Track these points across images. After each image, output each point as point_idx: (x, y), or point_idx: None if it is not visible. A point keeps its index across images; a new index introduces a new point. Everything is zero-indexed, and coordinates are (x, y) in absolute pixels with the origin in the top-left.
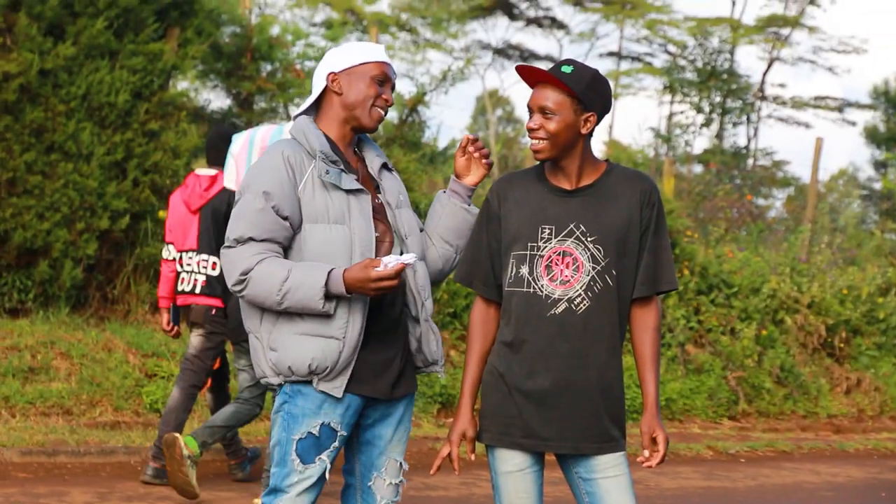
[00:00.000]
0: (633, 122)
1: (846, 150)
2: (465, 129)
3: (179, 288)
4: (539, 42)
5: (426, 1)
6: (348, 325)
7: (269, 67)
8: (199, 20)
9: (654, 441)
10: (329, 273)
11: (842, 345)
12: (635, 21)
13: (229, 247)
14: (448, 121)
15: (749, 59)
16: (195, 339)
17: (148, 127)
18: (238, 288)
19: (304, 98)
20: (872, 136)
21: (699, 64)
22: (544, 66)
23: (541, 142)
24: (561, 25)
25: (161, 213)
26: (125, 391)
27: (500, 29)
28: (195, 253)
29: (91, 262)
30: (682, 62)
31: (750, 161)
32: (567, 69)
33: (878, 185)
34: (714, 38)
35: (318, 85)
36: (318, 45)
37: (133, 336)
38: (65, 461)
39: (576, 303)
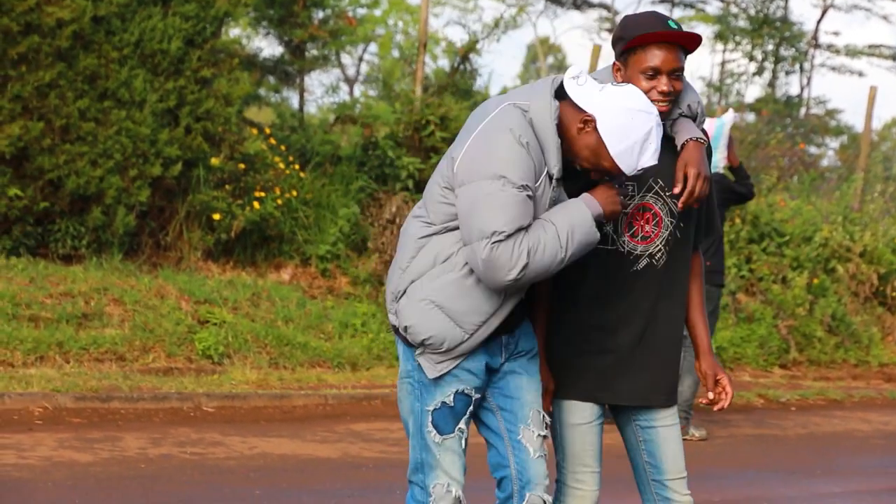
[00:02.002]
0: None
1: None
2: (515, 78)
3: None
4: None
5: None
6: (483, 326)
7: (321, 14)
8: None
9: (717, 382)
10: (583, 204)
11: (894, 293)
12: None
13: (498, 241)
14: (499, 69)
15: (803, 7)
16: None
17: (200, 74)
18: (519, 276)
19: (355, 46)
20: None
21: (752, 11)
22: (598, 14)
23: (668, 104)
24: None
25: (214, 161)
26: (178, 338)
27: None
28: None
29: (144, 208)
30: (735, 10)
31: (802, 110)
32: (675, 25)
33: None
34: None
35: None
36: None
37: (185, 283)
38: (118, 407)
39: (656, 258)
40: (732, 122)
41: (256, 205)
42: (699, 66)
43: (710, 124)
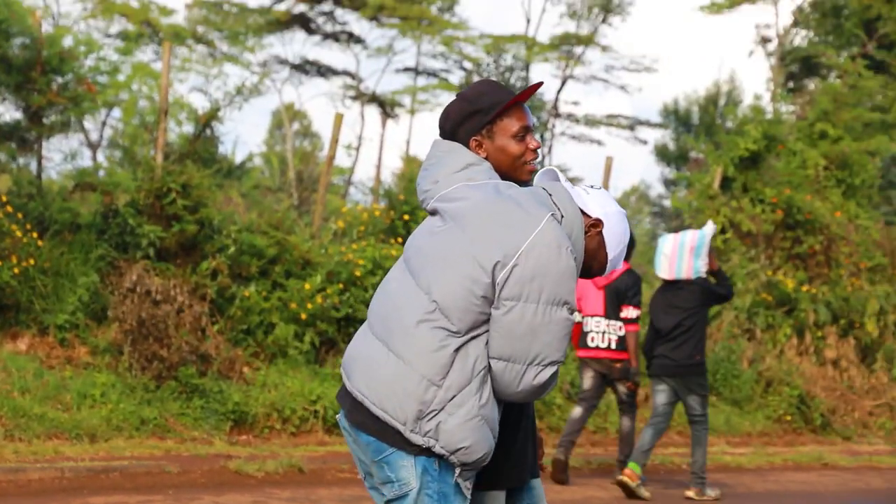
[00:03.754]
0: (429, 138)
1: (638, 167)
2: (261, 144)
3: (592, 344)
4: (336, 57)
5: (223, 14)
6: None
7: (60, 80)
8: None
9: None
10: None
11: None
12: (432, 37)
13: (554, 371)
14: (244, 135)
15: (543, 77)
16: (620, 387)
17: None
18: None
19: (96, 112)
20: (663, 154)
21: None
22: (342, 81)
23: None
24: (358, 40)
25: None
26: None
27: (297, 43)
28: (603, 318)
29: None
30: (477, 78)
31: None
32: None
33: (667, 203)
34: (508, 54)
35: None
36: (111, 58)
37: None
38: None
39: None
40: (713, 233)
41: None
42: None
43: (692, 235)
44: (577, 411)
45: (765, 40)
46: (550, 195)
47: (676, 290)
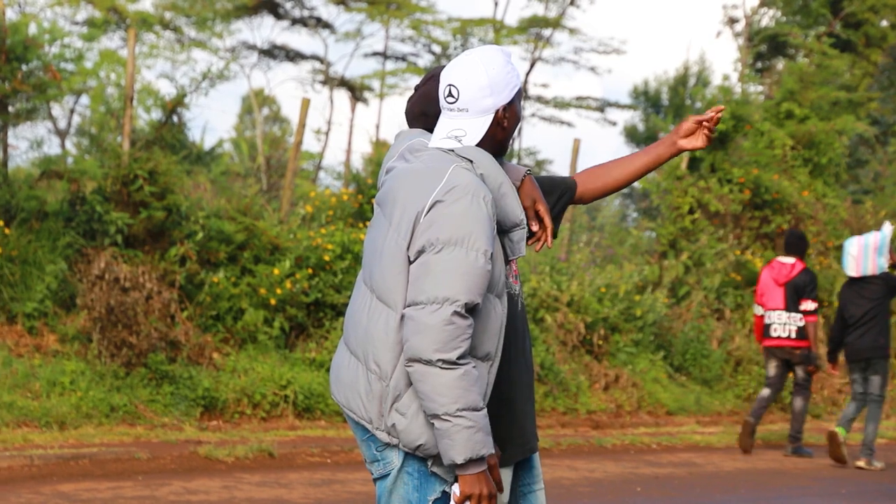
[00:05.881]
0: (398, 122)
1: (608, 148)
2: (231, 130)
3: (775, 334)
4: (304, 41)
5: (190, 0)
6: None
7: (25, 68)
8: None
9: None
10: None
11: (600, 342)
12: (400, 21)
13: (457, 312)
14: (215, 121)
15: (512, 60)
16: (800, 370)
17: None
18: (450, 359)
19: (61, 99)
20: (632, 135)
21: None
22: (311, 66)
23: None
24: (326, 25)
25: None
26: None
27: (265, 28)
28: (784, 311)
29: None
30: (445, 62)
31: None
32: None
33: (637, 184)
34: (475, 38)
35: (480, 111)
36: (75, 45)
37: None
38: None
39: (522, 295)
40: (891, 233)
41: None
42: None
43: (875, 237)
44: (765, 391)
45: (732, 21)
46: (453, 149)
47: (864, 284)
